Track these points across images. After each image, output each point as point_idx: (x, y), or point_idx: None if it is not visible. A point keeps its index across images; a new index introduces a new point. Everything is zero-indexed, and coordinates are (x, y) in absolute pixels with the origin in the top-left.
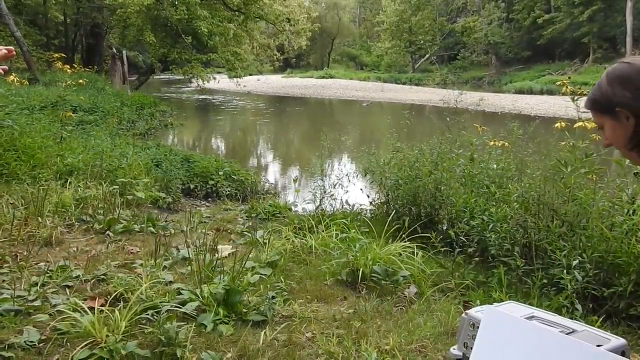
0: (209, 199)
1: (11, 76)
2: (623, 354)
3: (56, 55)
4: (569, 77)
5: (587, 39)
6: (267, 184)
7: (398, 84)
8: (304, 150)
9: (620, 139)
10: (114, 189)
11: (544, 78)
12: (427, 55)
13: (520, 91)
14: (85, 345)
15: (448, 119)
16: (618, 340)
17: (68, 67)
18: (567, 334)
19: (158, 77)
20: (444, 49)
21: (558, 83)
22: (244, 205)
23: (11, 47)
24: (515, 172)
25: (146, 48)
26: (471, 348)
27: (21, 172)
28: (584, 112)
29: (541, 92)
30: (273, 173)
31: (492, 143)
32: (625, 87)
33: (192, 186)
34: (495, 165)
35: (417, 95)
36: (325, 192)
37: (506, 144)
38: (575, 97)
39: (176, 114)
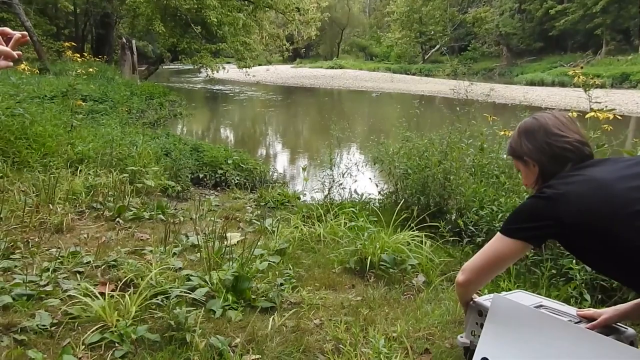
0: (218, 188)
1: (22, 64)
2: (632, 344)
3: (66, 44)
4: (582, 67)
5: (600, 30)
6: (276, 174)
7: (408, 74)
8: (312, 141)
9: (530, 181)
10: (124, 177)
11: (556, 70)
12: (438, 46)
13: (531, 83)
14: (96, 329)
15: (458, 108)
16: (627, 330)
17: (78, 55)
18: (575, 323)
19: (167, 67)
20: (454, 39)
21: (570, 72)
22: (252, 194)
23: (25, 33)
24: None
25: (155, 38)
26: (478, 336)
27: (32, 160)
28: (595, 102)
29: (552, 84)
30: (282, 163)
31: (502, 133)
32: (529, 139)
33: (201, 175)
34: (505, 156)
35: (427, 86)
36: (334, 181)
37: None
38: (588, 88)
39: (185, 104)
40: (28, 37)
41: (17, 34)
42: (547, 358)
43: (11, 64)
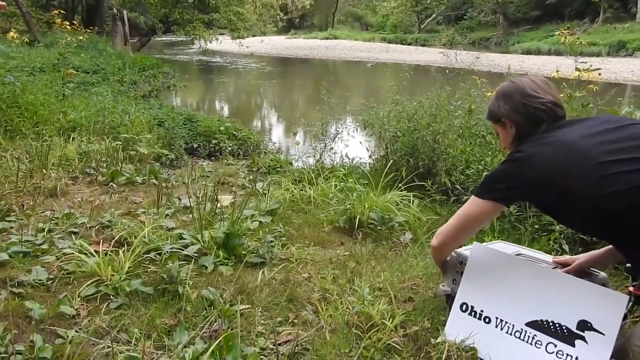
0: (212, 158)
1: (11, 32)
2: (604, 286)
3: (55, 12)
4: (567, 28)
5: None
6: (270, 143)
7: (404, 44)
8: (306, 111)
9: (507, 142)
10: (117, 144)
11: (552, 38)
12: (434, 15)
13: (527, 52)
14: (92, 282)
15: (447, 71)
16: (599, 274)
17: (68, 23)
18: (552, 269)
19: (160, 39)
20: (451, 8)
21: (557, 33)
22: (245, 161)
23: (3, 3)
24: None
25: (147, 9)
26: (459, 284)
27: (25, 129)
28: (582, 62)
29: (549, 53)
30: (275, 132)
31: (489, 94)
32: (506, 101)
33: (195, 145)
34: None
35: (422, 56)
36: (325, 146)
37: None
38: (574, 49)
39: (179, 76)
40: (6, 5)
41: None
42: (524, 300)
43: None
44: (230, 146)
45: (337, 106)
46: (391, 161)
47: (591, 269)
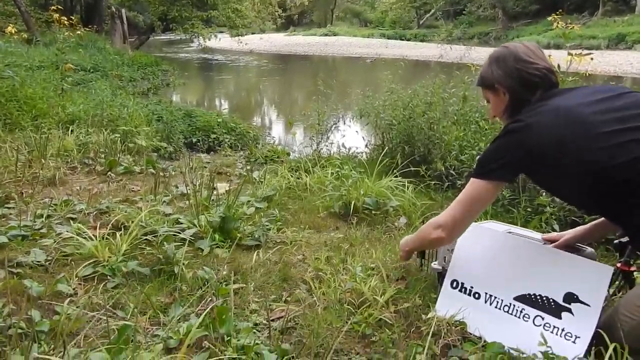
0: (211, 152)
1: (9, 27)
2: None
3: (53, 8)
4: (560, 12)
5: None
6: (268, 137)
7: (403, 40)
8: (305, 106)
9: (499, 110)
10: (115, 136)
11: (552, 32)
12: (433, 11)
13: None
14: (89, 264)
15: (444, 67)
16: (586, 249)
17: (65, 19)
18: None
19: (159, 37)
20: (449, 3)
21: (549, 18)
22: (243, 152)
23: None
24: None
25: (146, 7)
26: (450, 262)
27: (24, 122)
28: (572, 46)
29: (548, 47)
30: (274, 127)
31: None
32: (499, 66)
33: (194, 140)
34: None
35: (421, 51)
36: (322, 135)
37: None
38: (567, 37)
39: (178, 73)
40: None
41: None
42: (512, 275)
43: None
44: (228, 139)
45: (335, 98)
46: (386, 148)
47: (578, 244)
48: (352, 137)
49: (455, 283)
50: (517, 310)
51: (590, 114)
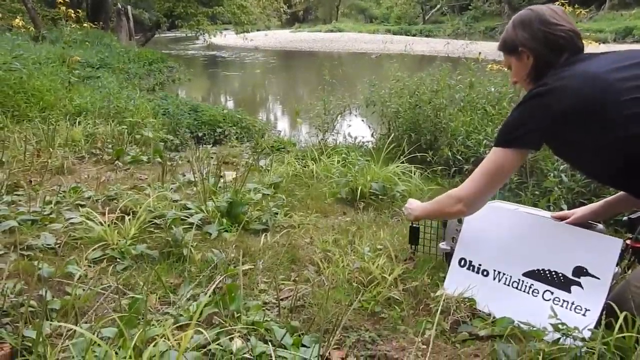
0: (218, 146)
1: (17, 19)
2: None
3: (60, 1)
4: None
5: None
6: (274, 130)
7: (408, 36)
8: (311, 101)
9: (522, 75)
10: (122, 128)
11: None
12: (438, 6)
13: None
14: (98, 247)
15: (448, 43)
16: (597, 226)
17: (72, 11)
18: None
19: (165, 35)
20: None
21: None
22: (249, 143)
23: None
24: (513, 92)
25: (151, 4)
26: (458, 241)
27: (31, 113)
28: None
29: None
30: (280, 121)
31: (489, 67)
32: (524, 29)
33: (200, 134)
34: (493, 89)
35: (427, 46)
36: (328, 124)
37: (506, 69)
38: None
39: (184, 70)
40: None
41: None
42: (521, 251)
43: None
44: (235, 132)
45: (341, 89)
46: (392, 136)
47: (589, 221)
48: (358, 126)
49: (463, 261)
50: (526, 286)
51: (615, 81)
